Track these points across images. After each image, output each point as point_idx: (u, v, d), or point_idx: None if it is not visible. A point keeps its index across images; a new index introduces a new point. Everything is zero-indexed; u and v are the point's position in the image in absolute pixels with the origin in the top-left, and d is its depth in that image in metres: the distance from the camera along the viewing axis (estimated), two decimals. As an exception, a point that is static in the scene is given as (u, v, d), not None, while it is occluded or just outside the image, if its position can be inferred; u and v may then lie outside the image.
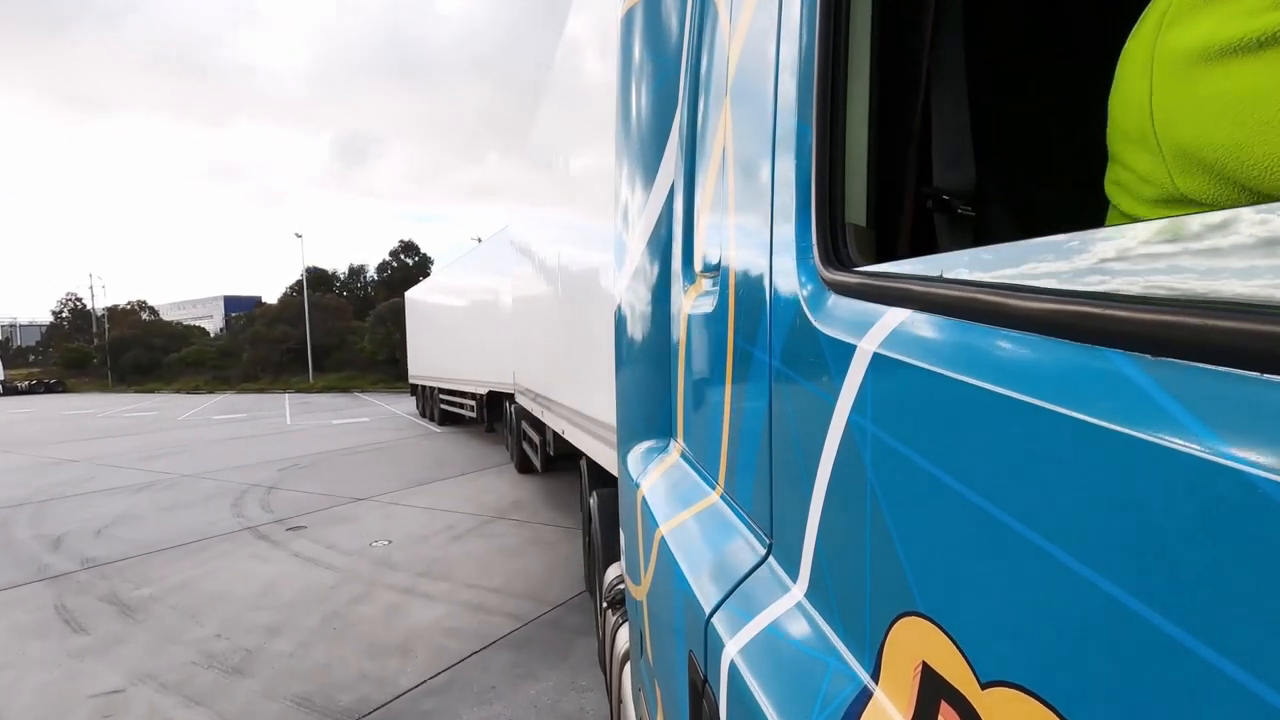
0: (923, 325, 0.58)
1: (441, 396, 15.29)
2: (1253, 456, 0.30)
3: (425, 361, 16.49)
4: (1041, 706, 0.43)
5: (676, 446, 1.62)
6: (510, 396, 9.14)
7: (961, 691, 0.51)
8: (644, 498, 1.54)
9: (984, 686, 0.49)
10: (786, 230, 0.88)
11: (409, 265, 48.97)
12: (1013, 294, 0.47)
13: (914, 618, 0.58)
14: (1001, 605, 0.47)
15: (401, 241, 55.48)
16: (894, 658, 0.61)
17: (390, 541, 6.23)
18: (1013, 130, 1.15)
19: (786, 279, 0.87)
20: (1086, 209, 0.65)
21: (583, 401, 3.66)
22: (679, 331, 1.53)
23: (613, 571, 2.74)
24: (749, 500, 1.04)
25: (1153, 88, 0.46)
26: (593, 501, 3.58)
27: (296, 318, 40.77)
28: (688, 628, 1.07)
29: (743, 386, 1.05)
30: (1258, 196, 0.37)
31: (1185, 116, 0.42)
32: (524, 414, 8.21)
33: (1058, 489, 0.42)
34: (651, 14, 1.75)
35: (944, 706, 0.53)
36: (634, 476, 1.71)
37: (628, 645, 2.04)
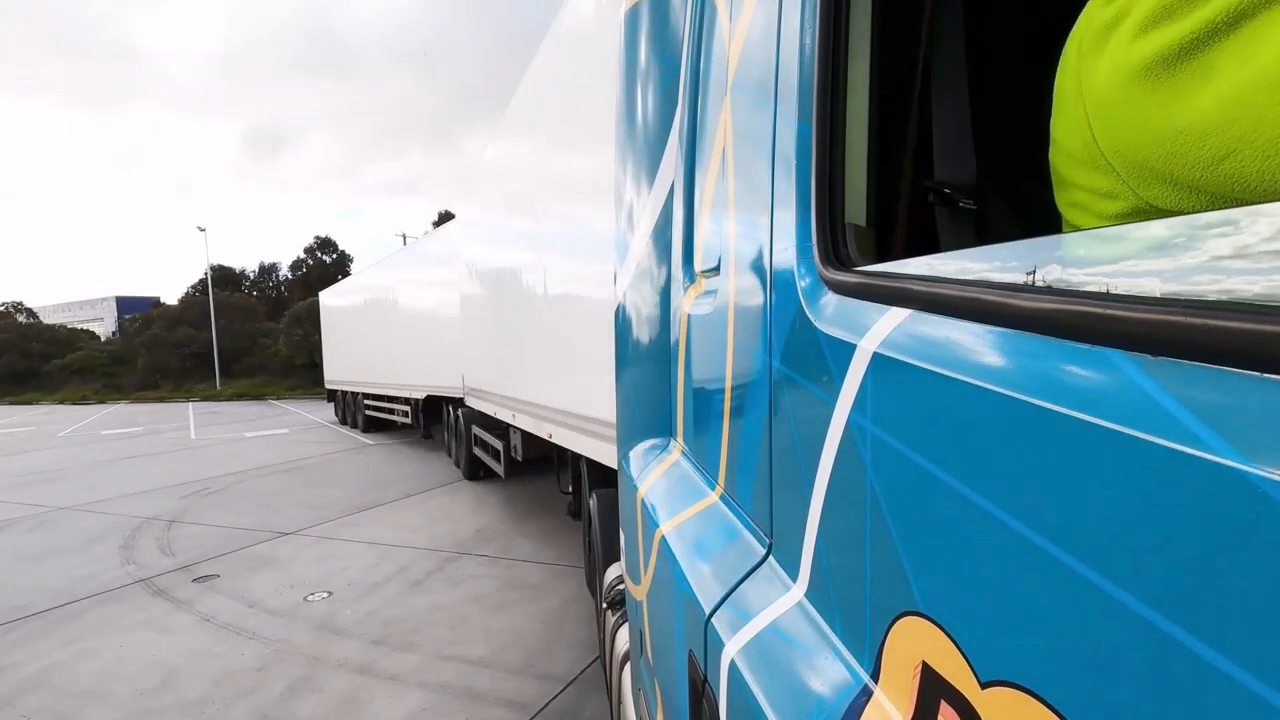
0: (923, 325, 0.58)
1: (367, 402, 14.39)
2: (1253, 456, 0.30)
3: (347, 366, 15.45)
4: (1041, 706, 0.43)
5: (677, 446, 1.62)
6: (456, 400, 8.69)
7: (961, 691, 0.51)
8: (644, 498, 1.54)
9: (984, 686, 0.49)
10: (786, 230, 0.88)
11: (326, 263, 45.65)
12: (1013, 294, 0.47)
13: (914, 617, 0.58)
14: (1001, 605, 0.47)
15: (318, 238, 50.87)
16: (894, 657, 0.61)
17: (331, 594, 4.77)
18: (1013, 126, 1.15)
19: (786, 279, 0.87)
20: None
21: (578, 402, 3.65)
22: (679, 331, 1.53)
23: (613, 571, 2.75)
24: (749, 500, 1.04)
25: (1087, 113, 0.49)
26: (592, 502, 3.58)
27: (201, 319, 36.63)
28: (688, 627, 1.07)
29: (742, 386, 1.05)
30: (1211, 195, 0.40)
31: (1126, 135, 0.46)
32: (475, 418, 7.88)
33: (1058, 489, 0.42)
34: (652, 13, 1.75)
35: (944, 706, 0.53)
36: (634, 477, 1.71)
37: (627, 645, 2.04)
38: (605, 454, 3.15)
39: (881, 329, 0.63)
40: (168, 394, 33.55)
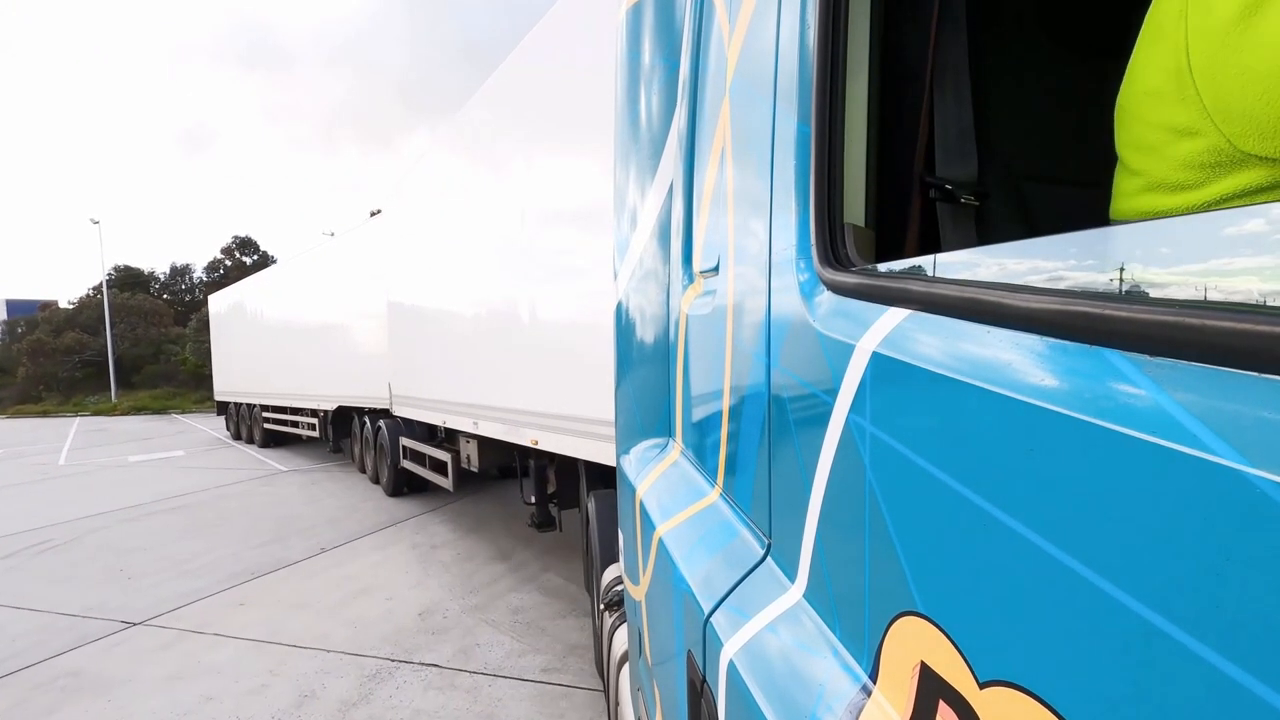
0: (921, 325, 0.58)
1: (265, 415, 13.22)
2: (1252, 456, 0.30)
3: (243, 376, 14.12)
4: (1040, 706, 0.43)
5: (675, 446, 1.62)
6: (376, 411, 8.17)
7: (960, 691, 0.51)
8: (643, 498, 1.54)
9: (982, 686, 0.49)
10: (785, 230, 0.88)
11: (246, 264, 40.71)
12: (1012, 293, 0.47)
13: (912, 617, 0.58)
14: (1000, 605, 0.47)
15: (236, 237, 45.40)
16: (892, 657, 0.61)
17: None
18: (1015, 124, 1.15)
19: (785, 279, 0.87)
20: (1088, 204, 0.65)
21: (573, 405, 3.62)
22: (678, 331, 1.53)
23: (610, 572, 2.75)
24: (748, 500, 1.04)
25: (1188, 41, 0.47)
26: (590, 503, 3.58)
27: (96, 323, 32.22)
28: (686, 628, 1.07)
29: (741, 386, 1.05)
30: None
31: (1224, 66, 0.44)
32: (403, 429, 7.48)
33: (1056, 489, 0.42)
34: (652, 13, 1.75)
35: (942, 706, 0.53)
36: (632, 477, 1.71)
37: (625, 646, 2.04)
38: (605, 455, 3.15)
39: (880, 329, 0.63)
40: (52, 408, 29.66)
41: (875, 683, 0.64)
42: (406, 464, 7.53)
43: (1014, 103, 1.17)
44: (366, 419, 8.94)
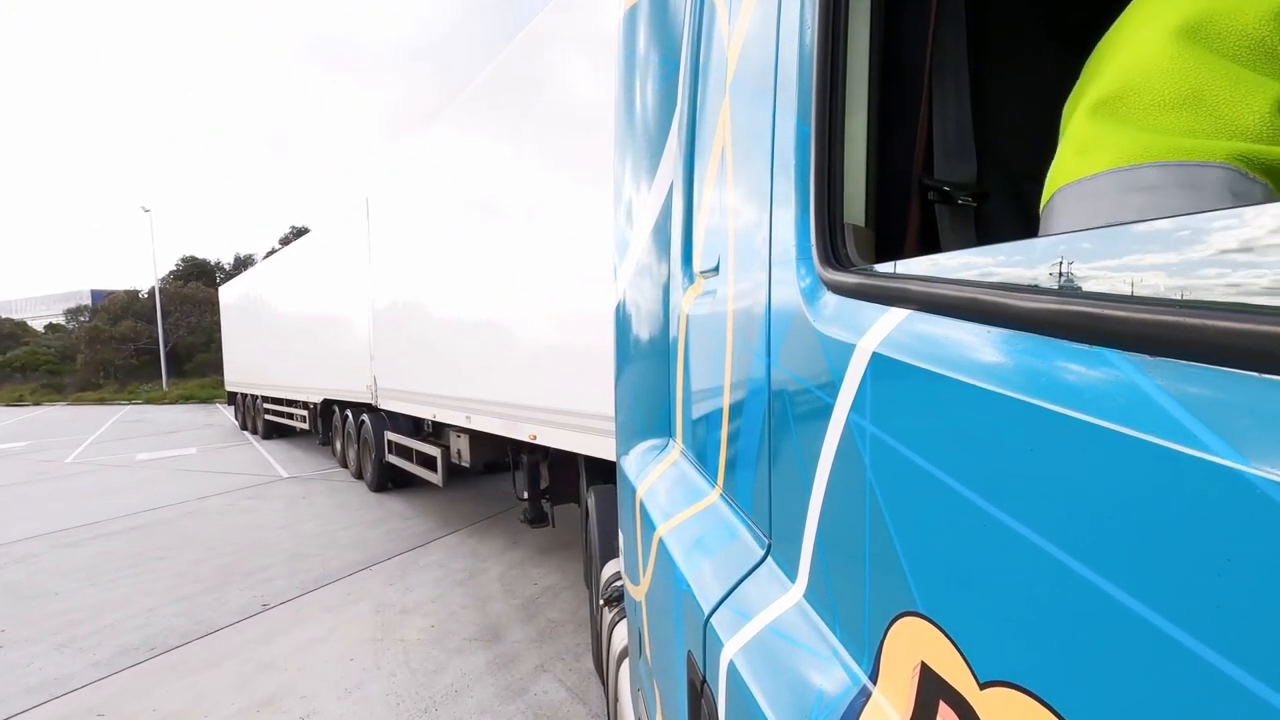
0: (921, 325, 0.58)
1: (266, 406, 13.55)
2: (1252, 456, 0.30)
3: (245, 367, 14.65)
4: (1040, 706, 0.43)
5: (676, 446, 1.62)
6: (360, 405, 8.00)
7: (960, 691, 0.51)
8: (643, 498, 1.54)
9: (983, 686, 0.49)
10: (785, 230, 0.88)
11: None
12: (1011, 294, 0.47)
13: (913, 618, 0.58)
14: (1000, 605, 0.47)
15: (293, 228, 44.75)
16: (893, 658, 0.61)
17: None
18: (1015, 124, 1.15)
19: (785, 279, 0.87)
20: None
21: (567, 399, 3.61)
22: (678, 331, 1.53)
23: (609, 568, 2.75)
24: (748, 500, 1.04)
25: None
26: (590, 499, 3.58)
27: (153, 311, 33.31)
28: (687, 628, 1.07)
29: (741, 386, 1.05)
30: None
31: None
32: (388, 423, 7.36)
33: (1056, 489, 0.42)
34: (651, 13, 1.75)
35: (942, 706, 0.53)
36: (632, 477, 1.71)
37: (624, 643, 2.05)
38: (604, 450, 3.15)
39: (880, 329, 0.63)
40: (109, 395, 30.22)
41: (875, 683, 0.64)
42: (392, 459, 7.34)
43: (1014, 103, 1.17)
44: (349, 412, 8.74)
